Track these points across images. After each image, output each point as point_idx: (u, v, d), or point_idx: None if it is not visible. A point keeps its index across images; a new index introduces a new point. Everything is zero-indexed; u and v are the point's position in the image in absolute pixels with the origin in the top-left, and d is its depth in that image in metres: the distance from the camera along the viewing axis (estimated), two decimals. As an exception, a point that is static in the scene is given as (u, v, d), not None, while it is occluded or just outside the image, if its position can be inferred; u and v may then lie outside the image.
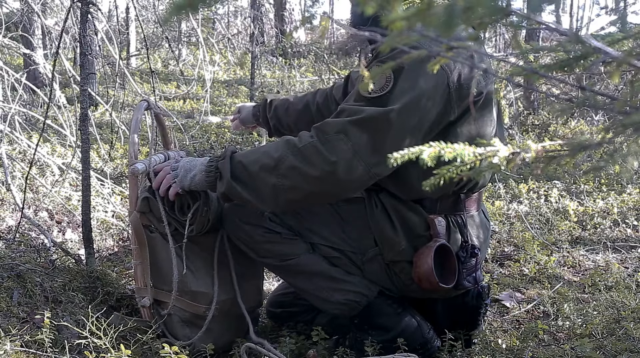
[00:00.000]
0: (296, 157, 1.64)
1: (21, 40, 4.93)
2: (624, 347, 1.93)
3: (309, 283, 1.88)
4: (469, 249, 1.81)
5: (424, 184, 0.97)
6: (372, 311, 1.85)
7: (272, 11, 10.11)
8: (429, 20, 0.70)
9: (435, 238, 1.77)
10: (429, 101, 1.62)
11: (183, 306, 1.95)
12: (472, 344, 1.94)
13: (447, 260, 1.79)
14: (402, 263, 1.80)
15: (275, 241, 1.86)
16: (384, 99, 1.61)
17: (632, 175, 3.90)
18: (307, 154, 1.63)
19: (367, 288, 1.84)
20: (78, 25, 2.44)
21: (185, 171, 1.78)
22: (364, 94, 1.63)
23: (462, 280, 1.80)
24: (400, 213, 1.79)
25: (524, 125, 5.46)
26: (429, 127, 1.65)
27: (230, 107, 6.41)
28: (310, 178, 1.64)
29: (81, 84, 2.31)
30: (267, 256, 1.90)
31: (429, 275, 1.73)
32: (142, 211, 1.92)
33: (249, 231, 1.88)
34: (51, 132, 3.89)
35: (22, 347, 1.75)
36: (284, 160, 1.65)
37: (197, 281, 1.93)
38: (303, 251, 1.86)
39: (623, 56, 0.82)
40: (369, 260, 1.83)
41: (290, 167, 1.64)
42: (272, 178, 1.65)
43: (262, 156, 1.69)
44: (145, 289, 1.97)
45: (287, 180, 1.65)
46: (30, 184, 2.94)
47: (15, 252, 2.42)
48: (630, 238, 3.14)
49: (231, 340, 1.98)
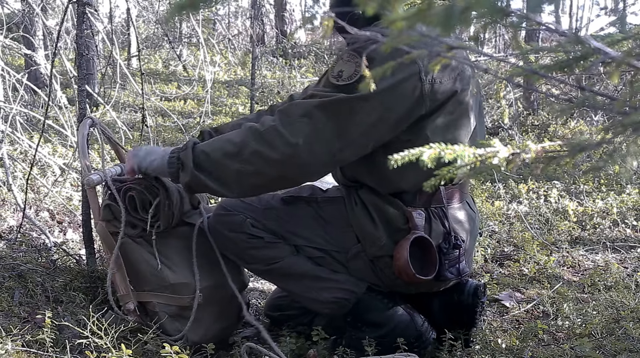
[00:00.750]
0: (258, 141, 1.66)
1: (22, 41, 4.94)
2: (623, 346, 1.94)
3: (297, 285, 1.90)
4: (452, 241, 1.81)
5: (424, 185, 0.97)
6: (363, 308, 1.86)
7: (272, 12, 10.12)
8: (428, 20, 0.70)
9: (413, 231, 1.77)
10: (398, 93, 1.63)
11: (167, 301, 1.97)
12: (471, 343, 1.94)
13: (428, 252, 1.79)
14: (384, 258, 1.80)
15: (259, 247, 1.88)
16: (351, 87, 1.62)
17: (631, 175, 3.90)
18: (268, 138, 1.65)
19: (354, 284, 1.85)
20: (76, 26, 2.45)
21: (146, 153, 1.83)
22: (333, 81, 1.66)
23: (443, 271, 1.79)
24: (379, 207, 1.79)
25: (523, 125, 5.47)
26: (397, 119, 1.66)
27: (231, 107, 6.42)
28: (272, 161, 1.65)
29: (79, 84, 2.32)
30: (253, 262, 1.94)
31: (406, 267, 1.73)
32: (106, 220, 1.97)
33: (234, 239, 1.91)
34: (52, 133, 3.90)
35: (24, 346, 1.76)
36: (246, 145, 1.67)
37: (175, 275, 1.95)
38: (287, 254, 1.88)
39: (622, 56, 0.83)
40: (352, 258, 1.84)
41: (253, 152, 1.66)
42: (236, 164, 1.67)
43: (224, 143, 1.71)
44: (127, 295, 1.98)
45: (250, 165, 1.67)
46: (32, 184, 2.95)
47: (17, 252, 2.43)
48: (630, 238, 3.14)
49: (224, 329, 2.01)
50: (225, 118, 5.84)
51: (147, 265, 1.96)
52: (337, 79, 1.64)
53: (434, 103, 1.68)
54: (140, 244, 1.98)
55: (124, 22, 8.36)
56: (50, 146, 3.76)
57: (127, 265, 1.98)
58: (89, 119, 2.12)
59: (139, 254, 1.97)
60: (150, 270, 1.96)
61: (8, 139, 3.18)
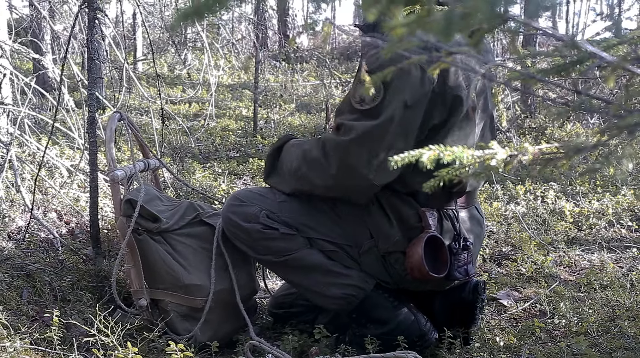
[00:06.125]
0: (307, 168, 1.83)
1: (31, 45, 4.97)
2: (619, 344, 1.95)
3: (306, 278, 1.91)
4: (461, 242, 1.86)
5: (423, 186, 1.00)
6: (369, 305, 1.88)
7: (275, 17, 10.15)
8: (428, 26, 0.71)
9: (427, 230, 1.81)
10: (416, 108, 1.69)
11: (179, 301, 1.98)
12: (470, 341, 1.96)
13: (439, 251, 1.83)
14: (396, 254, 1.84)
15: (274, 238, 1.90)
16: (375, 111, 1.69)
17: (626, 177, 3.91)
18: (314, 167, 1.81)
19: (364, 281, 1.88)
20: (85, 31, 2.49)
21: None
22: (357, 106, 1.72)
23: (453, 271, 1.84)
24: (394, 206, 1.84)
25: (521, 128, 5.47)
26: (418, 132, 1.72)
27: (235, 110, 6.46)
28: (319, 187, 1.84)
29: (89, 88, 2.33)
30: (266, 254, 1.94)
31: (420, 264, 1.77)
32: (127, 215, 1.99)
33: (248, 229, 1.92)
34: (60, 135, 3.91)
35: (32, 344, 1.78)
36: (299, 169, 1.86)
37: (189, 275, 1.97)
38: (301, 246, 1.90)
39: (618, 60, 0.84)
40: (365, 252, 1.87)
41: (303, 176, 1.85)
42: (293, 181, 1.90)
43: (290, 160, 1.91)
44: (141, 291, 2.00)
45: (304, 185, 1.87)
46: (40, 185, 2.97)
47: (25, 252, 2.44)
48: (625, 238, 3.16)
49: (231, 330, 2.02)
50: (229, 121, 5.88)
51: (163, 263, 1.97)
52: (360, 104, 1.71)
53: (445, 111, 1.73)
54: (158, 242, 1.99)
55: (129, 27, 8.39)
56: (58, 148, 3.79)
57: (144, 262, 1.99)
58: (117, 114, 2.12)
59: (156, 252, 1.98)
60: (166, 269, 1.97)
61: (17, 142, 3.21)
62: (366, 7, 0.72)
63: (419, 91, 1.68)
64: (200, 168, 4.23)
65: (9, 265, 2.24)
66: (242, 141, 5.11)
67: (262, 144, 5.03)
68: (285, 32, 9.76)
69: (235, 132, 5.45)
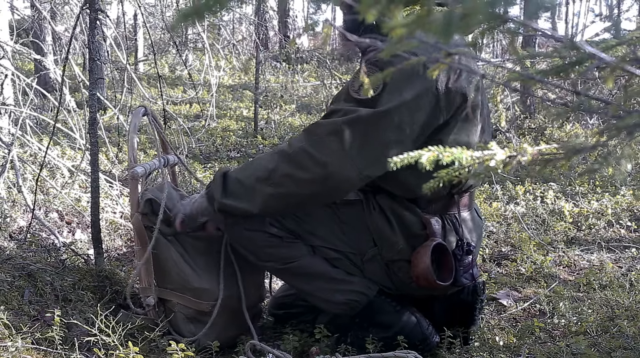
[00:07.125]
0: (288, 164, 1.71)
1: (32, 46, 4.97)
2: (618, 344, 1.96)
3: (310, 285, 1.91)
4: (464, 247, 1.85)
5: (423, 188, 0.99)
6: (372, 310, 1.88)
7: (276, 18, 10.17)
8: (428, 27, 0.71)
9: (432, 238, 1.80)
10: (416, 105, 1.67)
11: (186, 303, 1.98)
12: (470, 341, 1.97)
13: (444, 258, 1.83)
14: (400, 262, 1.84)
15: (277, 245, 1.88)
16: (373, 101, 1.66)
17: (625, 177, 3.92)
18: (298, 159, 1.70)
19: (367, 287, 1.87)
20: (87, 32, 2.49)
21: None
22: (355, 95, 1.69)
23: (459, 277, 1.84)
24: (397, 212, 1.83)
25: (520, 129, 5.49)
26: (419, 131, 1.70)
27: (235, 111, 6.47)
28: (303, 182, 1.70)
29: (90, 88, 2.33)
30: (269, 260, 1.93)
31: (427, 273, 1.77)
32: (144, 213, 1.98)
33: (251, 237, 1.90)
34: (61, 136, 3.92)
35: (33, 344, 1.77)
36: (277, 169, 1.72)
37: (199, 279, 1.96)
38: (304, 254, 1.89)
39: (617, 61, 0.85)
40: (368, 260, 1.87)
41: (284, 175, 1.71)
42: (268, 188, 1.73)
43: (255, 169, 1.77)
44: (149, 288, 2.00)
45: (282, 188, 1.72)
46: (41, 186, 2.98)
47: (27, 252, 2.43)
48: (624, 238, 3.17)
49: (235, 335, 2.01)
50: (229, 121, 5.89)
51: (174, 264, 1.97)
52: (358, 94, 1.68)
53: (449, 113, 1.73)
54: (171, 242, 1.99)
55: (131, 27, 8.40)
56: (60, 148, 3.80)
57: (155, 261, 1.99)
58: (142, 108, 2.10)
59: (168, 252, 1.98)
60: (176, 270, 1.97)
61: (18, 142, 3.21)
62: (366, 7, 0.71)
63: (420, 88, 1.67)
64: (201, 168, 4.24)
65: (11, 265, 2.24)
66: (243, 142, 5.12)
67: (262, 144, 5.04)
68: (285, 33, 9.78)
69: (235, 132, 5.47)
